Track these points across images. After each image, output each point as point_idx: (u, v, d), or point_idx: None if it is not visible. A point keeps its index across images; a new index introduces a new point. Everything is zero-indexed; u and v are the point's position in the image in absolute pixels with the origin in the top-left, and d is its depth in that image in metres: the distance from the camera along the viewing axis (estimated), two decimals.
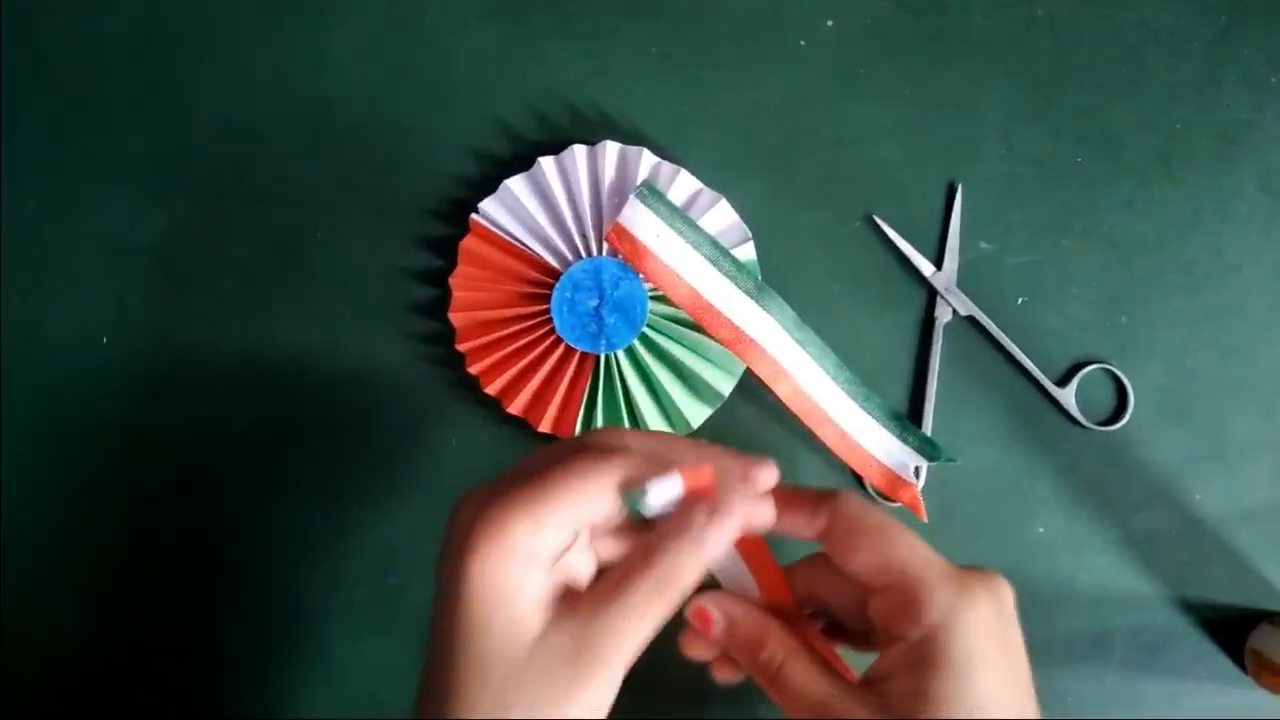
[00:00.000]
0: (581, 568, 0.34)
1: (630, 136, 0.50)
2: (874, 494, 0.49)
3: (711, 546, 0.32)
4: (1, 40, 0.51)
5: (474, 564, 0.30)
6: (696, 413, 0.49)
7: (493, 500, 0.31)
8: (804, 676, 0.33)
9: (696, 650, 0.36)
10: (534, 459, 0.34)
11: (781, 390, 0.48)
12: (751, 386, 0.49)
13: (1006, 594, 0.33)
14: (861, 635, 0.37)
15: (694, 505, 0.32)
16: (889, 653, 0.33)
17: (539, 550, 0.31)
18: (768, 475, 0.34)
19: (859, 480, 0.50)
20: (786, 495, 0.34)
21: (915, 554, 0.33)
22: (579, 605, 0.31)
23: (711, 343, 0.48)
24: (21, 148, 0.51)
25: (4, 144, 0.51)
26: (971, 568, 0.33)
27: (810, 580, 0.37)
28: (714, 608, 0.35)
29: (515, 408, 0.49)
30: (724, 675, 0.37)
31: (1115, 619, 0.50)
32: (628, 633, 0.31)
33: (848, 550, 0.33)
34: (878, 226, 0.50)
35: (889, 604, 0.33)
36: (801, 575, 0.37)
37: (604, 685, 0.31)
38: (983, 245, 0.50)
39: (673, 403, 0.48)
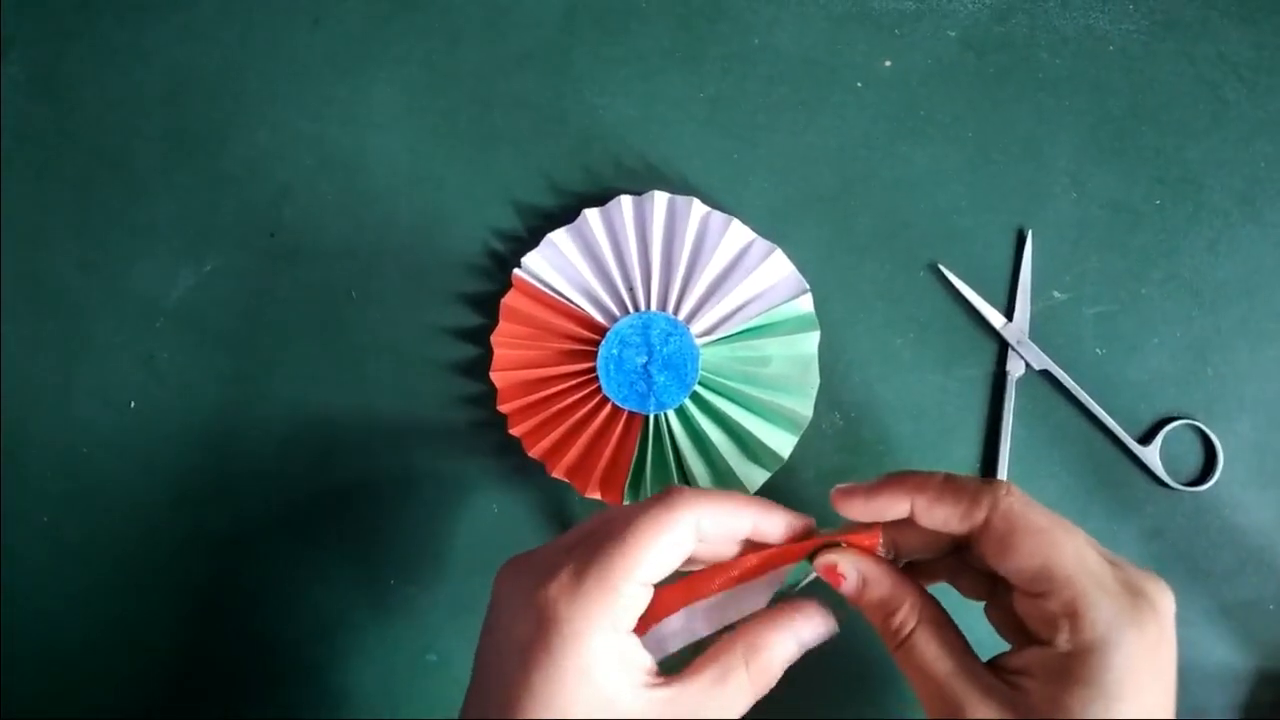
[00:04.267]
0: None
1: (679, 186, 0.48)
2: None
3: (807, 644, 0.34)
4: (32, 99, 0.50)
5: (578, 644, 0.30)
6: (754, 477, 0.46)
7: (584, 572, 0.31)
8: (934, 651, 0.32)
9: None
10: (594, 522, 0.34)
11: None
12: (812, 450, 0.46)
13: (1169, 609, 0.31)
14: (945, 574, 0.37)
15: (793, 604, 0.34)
16: (1030, 651, 0.31)
17: (633, 616, 0.32)
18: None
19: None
20: (939, 484, 0.33)
21: (1082, 563, 0.31)
22: (678, 694, 0.32)
23: (770, 401, 0.45)
24: (50, 205, 0.49)
25: (32, 202, 0.49)
26: (1137, 574, 0.31)
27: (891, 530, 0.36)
28: (847, 564, 0.34)
29: (560, 471, 0.46)
30: None
31: (1209, 696, 0.46)
32: None
33: (1004, 550, 0.31)
34: (943, 276, 0.47)
35: (1042, 609, 0.31)
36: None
37: None
38: (1056, 295, 0.47)
39: (728, 466, 0.45)
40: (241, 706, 0.48)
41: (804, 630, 0.34)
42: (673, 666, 0.33)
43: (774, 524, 0.35)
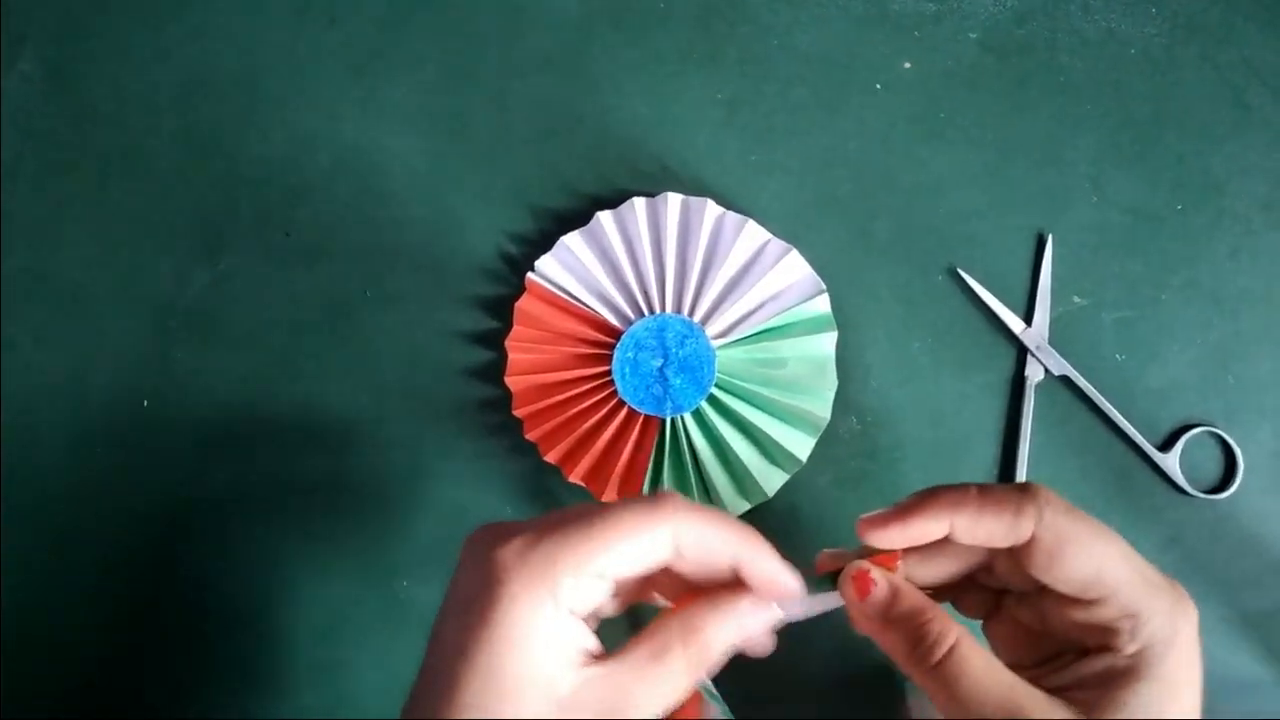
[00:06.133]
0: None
1: (693, 188, 0.48)
2: None
3: (750, 633, 0.32)
4: (47, 95, 0.50)
5: (514, 610, 0.29)
6: (772, 479, 0.45)
7: (538, 542, 0.29)
8: (982, 661, 0.30)
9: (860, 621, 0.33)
10: (576, 507, 0.32)
11: None
12: (829, 454, 0.46)
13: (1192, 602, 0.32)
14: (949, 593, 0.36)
15: (741, 588, 0.32)
16: (1080, 664, 0.31)
17: (580, 601, 0.30)
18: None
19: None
20: (975, 499, 0.31)
21: (1132, 566, 0.30)
22: (612, 671, 0.30)
23: (787, 402, 0.45)
24: (64, 203, 0.49)
25: (46, 200, 0.49)
26: (1166, 576, 0.31)
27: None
28: (878, 573, 0.32)
29: (576, 475, 0.46)
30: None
31: (1228, 706, 0.46)
32: (659, 703, 0.30)
33: (1053, 563, 0.30)
34: (962, 280, 0.47)
35: (1096, 615, 0.31)
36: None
37: None
38: (1076, 300, 0.47)
39: (745, 469, 0.45)
40: (250, 707, 0.48)
41: (748, 617, 0.31)
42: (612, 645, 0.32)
43: (760, 569, 0.31)
